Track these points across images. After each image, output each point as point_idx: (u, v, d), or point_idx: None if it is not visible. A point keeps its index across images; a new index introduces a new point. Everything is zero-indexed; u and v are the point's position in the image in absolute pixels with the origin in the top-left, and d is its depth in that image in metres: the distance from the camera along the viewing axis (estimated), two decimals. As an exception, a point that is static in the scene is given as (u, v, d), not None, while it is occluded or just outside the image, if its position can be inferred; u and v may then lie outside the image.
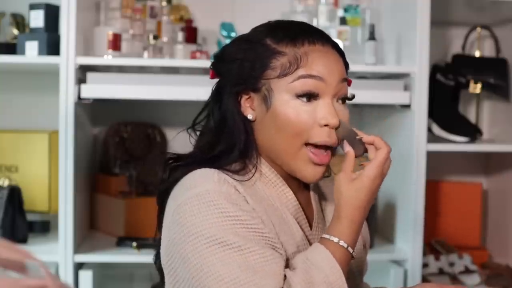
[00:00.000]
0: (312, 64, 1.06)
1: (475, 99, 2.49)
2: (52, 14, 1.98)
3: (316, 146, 1.07)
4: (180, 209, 1.03)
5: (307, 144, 1.07)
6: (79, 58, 1.89)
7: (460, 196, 2.40)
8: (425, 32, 1.99)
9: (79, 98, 1.90)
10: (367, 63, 2.04)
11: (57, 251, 1.88)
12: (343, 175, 1.04)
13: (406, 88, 2.04)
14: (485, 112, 2.51)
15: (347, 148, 1.07)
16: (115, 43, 1.96)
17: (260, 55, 1.08)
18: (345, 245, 1.01)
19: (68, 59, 1.87)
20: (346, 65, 1.14)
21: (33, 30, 1.98)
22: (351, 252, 1.02)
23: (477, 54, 2.45)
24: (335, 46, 1.12)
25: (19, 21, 2.13)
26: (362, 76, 2.15)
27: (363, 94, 2.02)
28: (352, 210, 1.02)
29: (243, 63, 1.08)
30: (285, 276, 0.98)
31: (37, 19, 1.97)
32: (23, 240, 2.00)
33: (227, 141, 1.10)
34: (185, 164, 1.11)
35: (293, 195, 1.12)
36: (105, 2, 2.14)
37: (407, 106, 2.03)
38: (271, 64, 1.07)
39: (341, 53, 1.13)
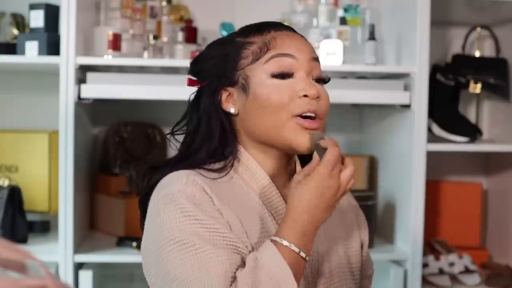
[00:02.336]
0: (282, 45, 1.11)
1: (475, 99, 2.49)
2: (52, 14, 1.98)
3: (301, 116, 1.09)
4: (150, 211, 1.08)
5: (292, 116, 1.09)
6: (79, 58, 1.89)
7: (460, 196, 2.40)
8: (425, 32, 1.99)
9: (79, 98, 1.90)
10: (367, 63, 2.04)
11: (57, 251, 1.88)
12: (295, 176, 1.05)
13: (406, 88, 2.04)
14: (485, 112, 2.51)
15: (314, 153, 1.07)
16: (115, 43, 1.96)
17: (232, 50, 1.13)
18: (288, 244, 1.00)
19: (68, 59, 1.87)
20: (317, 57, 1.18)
21: (33, 30, 1.98)
22: (298, 252, 1.01)
23: (477, 54, 2.45)
24: (303, 37, 1.17)
25: (19, 21, 2.13)
26: (362, 76, 2.15)
27: (363, 94, 2.02)
28: (294, 211, 1.02)
29: (217, 60, 1.13)
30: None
31: (37, 19, 1.97)
32: (23, 240, 2.00)
33: (200, 140, 1.13)
34: (162, 167, 1.14)
35: (276, 191, 1.13)
36: (105, 2, 2.14)
37: (407, 106, 2.03)
38: (243, 54, 1.12)
39: (310, 43, 1.17)
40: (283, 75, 1.09)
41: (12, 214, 1.99)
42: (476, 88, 2.30)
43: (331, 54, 1.99)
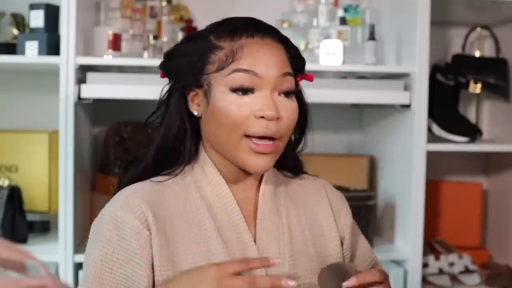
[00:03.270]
0: (249, 57, 1.05)
1: (475, 99, 2.49)
2: (52, 14, 1.98)
3: (256, 137, 1.05)
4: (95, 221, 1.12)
5: (247, 136, 1.05)
6: (79, 58, 1.89)
7: (460, 196, 2.40)
8: (425, 32, 1.99)
9: (79, 98, 1.90)
10: (367, 63, 2.04)
11: (57, 251, 1.88)
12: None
13: (406, 88, 2.04)
14: (485, 112, 2.51)
15: None
16: (115, 43, 1.96)
17: (201, 51, 1.08)
18: None
19: (68, 59, 1.87)
20: (297, 59, 1.13)
21: (33, 30, 1.98)
22: None
23: (477, 54, 2.45)
24: (281, 40, 1.10)
25: (19, 21, 2.13)
26: (362, 76, 2.15)
27: (363, 94, 2.02)
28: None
29: (186, 59, 1.09)
30: None
31: (37, 19, 1.97)
32: (23, 240, 2.00)
33: (160, 137, 1.13)
34: (128, 171, 1.15)
35: (232, 198, 1.10)
36: (105, 2, 2.14)
37: (407, 106, 2.03)
38: (210, 59, 1.07)
39: (290, 47, 1.11)
40: (244, 90, 1.04)
41: (12, 214, 1.98)
42: (476, 88, 2.30)
43: (331, 54, 1.99)
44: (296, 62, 1.12)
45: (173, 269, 1.03)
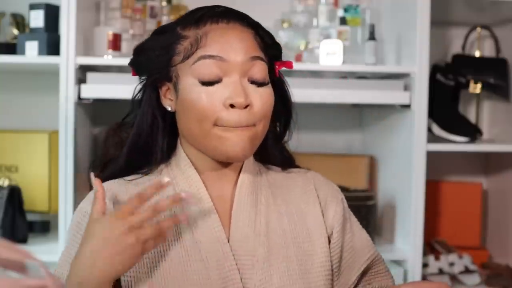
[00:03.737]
0: (213, 43, 1.02)
1: (475, 99, 2.49)
2: (52, 14, 1.98)
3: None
4: None
5: (216, 125, 1.01)
6: (79, 58, 1.89)
7: (460, 196, 2.40)
8: (425, 32, 1.99)
9: (79, 98, 1.90)
10: (367, 63, 2.04)
11: (57, 251, 1.88)
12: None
13: (406, 88, 2.04)
14: (485, 112, 2.51)
15: None
16: (115, 43, 1.96)
17: (167, 43, 1.05)
18: None
19: (68, 59, 1.87)
20: (272, 46, 1.09)
21: (33, 30, 1.98)
22: None
23: (477, 54, 2.45)
24: (251, 25, 1.07)
25: (19, 21, 2.13)
26: (362, 76, 2.15)
27: (363, 94, 2.02)
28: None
29: (154, 53, 1.07)
30: None
31: (37, 19, 1.97)
32: (23, 240, 2.00)
33: (131, 136, 1.12)
34: (106, 167, 1.16)
35: (206, 194, 1.07)
36: (105, 2, 2.14)
37: (407, 106, 2.03)
38: (176, 50, 1.05)
39: (263, 32, 1.08)
40: (210, 83, 1.01)
41: (12, 214, 1.98)
42: (476, 88, 2.30)
43: (331, 54, 1.99)
44: (270, 48, 1.09)
45: (141, 270, 1.01)
